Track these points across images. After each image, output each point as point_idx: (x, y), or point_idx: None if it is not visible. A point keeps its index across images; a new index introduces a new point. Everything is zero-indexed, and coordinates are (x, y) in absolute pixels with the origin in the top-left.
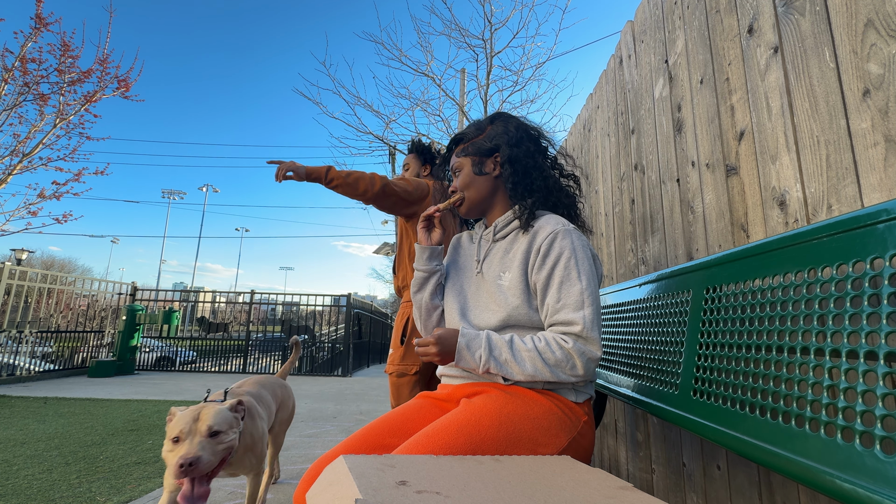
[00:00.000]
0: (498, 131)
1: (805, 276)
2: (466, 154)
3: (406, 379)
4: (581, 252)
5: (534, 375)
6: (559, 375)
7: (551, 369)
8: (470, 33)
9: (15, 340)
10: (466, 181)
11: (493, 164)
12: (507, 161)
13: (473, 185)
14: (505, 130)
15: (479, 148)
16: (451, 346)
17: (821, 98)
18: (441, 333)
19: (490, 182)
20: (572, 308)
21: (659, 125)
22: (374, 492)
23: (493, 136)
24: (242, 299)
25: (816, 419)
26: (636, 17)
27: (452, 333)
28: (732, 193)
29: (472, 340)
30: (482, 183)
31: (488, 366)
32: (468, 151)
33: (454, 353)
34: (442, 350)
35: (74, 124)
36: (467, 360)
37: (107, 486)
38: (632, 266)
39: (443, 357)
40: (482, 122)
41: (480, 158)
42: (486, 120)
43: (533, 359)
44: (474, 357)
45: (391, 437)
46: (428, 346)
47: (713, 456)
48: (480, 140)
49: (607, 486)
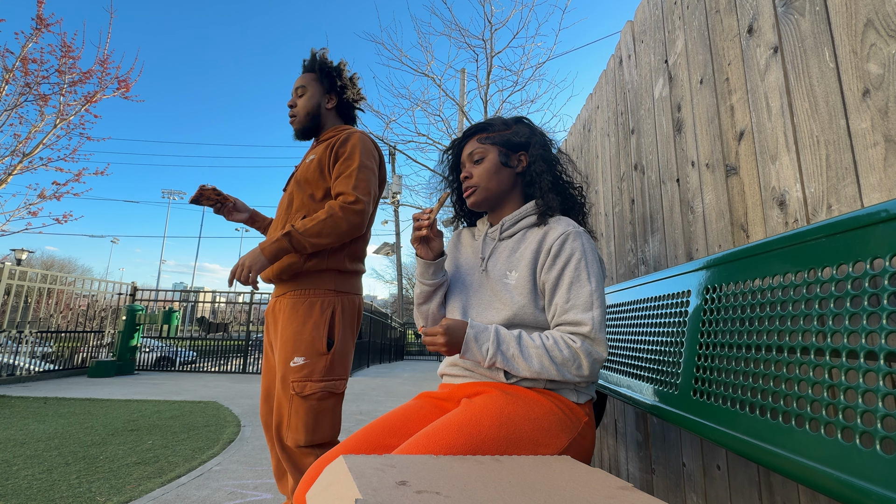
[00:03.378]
0: (525, 132)
1: (805, 276)
2: (493, 143)
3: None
4: (591, 254)
5: (539, 373)
6: (564, 374)
7: (558, 368)
8: (470, 33)
9: (15, 340)
10: (491, 170)
11: (517, 160)
12: (538, 159)
13: (497, 175)
14: (532, 133)
15: (507, 140)
16: (458, 338)
17: (821, 98)
18: (449, 324)
19: (512, 177)
20: (581, 309)
21: (659, 125)
22: (373, 492)
23: (521, 133)
24: (242, 299)
25: (816, 419)
26: (636, 17)
27: (461, 325)
28: (732, 193)
29: (480, 333)
30: (505, 176)
31: (494, 360)
32: (495, 140)
33: (461, 345)
34: (449, 341)
35: (75, 124)
36: (474, 353)
37: (107, 486)
38: (632, 266)
39: (450, 348)
40: (507, 120)
41: (508, 151)
42: (509, 119)
43: (540, 356)
44: (481, 350)
45: (391, 437)
46: (436, 335)
47: (713, 456)
48: (509, 134)
49: (607, 486)
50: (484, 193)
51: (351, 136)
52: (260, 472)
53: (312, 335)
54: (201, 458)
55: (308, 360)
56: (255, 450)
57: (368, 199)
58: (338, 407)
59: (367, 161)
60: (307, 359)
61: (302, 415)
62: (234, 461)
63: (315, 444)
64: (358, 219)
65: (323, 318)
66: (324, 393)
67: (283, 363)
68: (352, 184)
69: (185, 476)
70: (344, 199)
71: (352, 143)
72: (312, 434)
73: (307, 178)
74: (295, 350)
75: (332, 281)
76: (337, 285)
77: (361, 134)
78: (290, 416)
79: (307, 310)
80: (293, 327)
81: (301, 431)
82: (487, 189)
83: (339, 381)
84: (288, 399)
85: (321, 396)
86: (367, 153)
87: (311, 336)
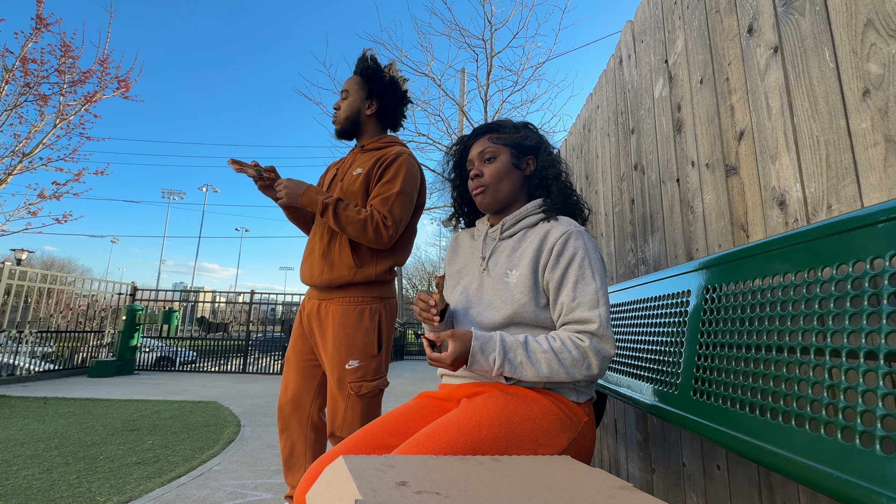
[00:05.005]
0: (534, 137)
1: (805, 276)
2: (505, 144)
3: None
4: (594, 253)
5: (549, 377)
6: (574, 375)
7: (567, 369)
8: (470, 33)
9: (15, 340)
10: (503, 170)
11: (527, 163)
12: (548, 164)
13: (509, 177)
14: (540, 139)
15: (518, 143)
16: (464, 352)
17: (821, 98)
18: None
19: (521, 179)
20: (588, 307)
21: (659, 125)
22: (373, 492)
23: (531, 137)
24: (242, 299)
25: (816, 419)
26: (636, 17)
27: (465, 338)
28: (732, 193)
29: (485, 344)
30: (516, 177)
31: (503, 369)
32: (507, 142)
33: (468, 358)
34: (455, 359)
35: (75, 124)
36: (481, 364)
37: (107, 486)
38: (632, 266)
39: (456, 366)
40: (516, 124)
41: (519, 154)
42: (518, 123)
43: (549, 360)
44: (488, 360)
45: (391, 436)
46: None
47: (713, 456)
48: (519, 137)
49: (607, 486)
50: (494, 195)
51: (398, 158)
52: (260, 472)
53: (364, 340)
54: (201, 458)
55: (362, 362)
56: (255, 450)
57: (399, 224)
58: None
59: (408, 187)
60: (361, 361)
61: (359, 411)
62: (234, 461)
63: None
64: (381, 237)
65: (372, 324)
66: (376, 391)
67: (338, 365)
68: (388, 207)
69: (185, 476)
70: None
71: (397, 165)
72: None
73: (353, 191)
74: (350, 354)
75: (377, 289)
76: (381, 293)
77: (409, 157)
78: (347, 412)
79: (358, 317)
80: (346, 332)
81: (357, 425)
82: (500, 191)
83: (384, 377)
84: (345, 398)
85: (374, 394)
86: (409, 179)
87: (363, 341)
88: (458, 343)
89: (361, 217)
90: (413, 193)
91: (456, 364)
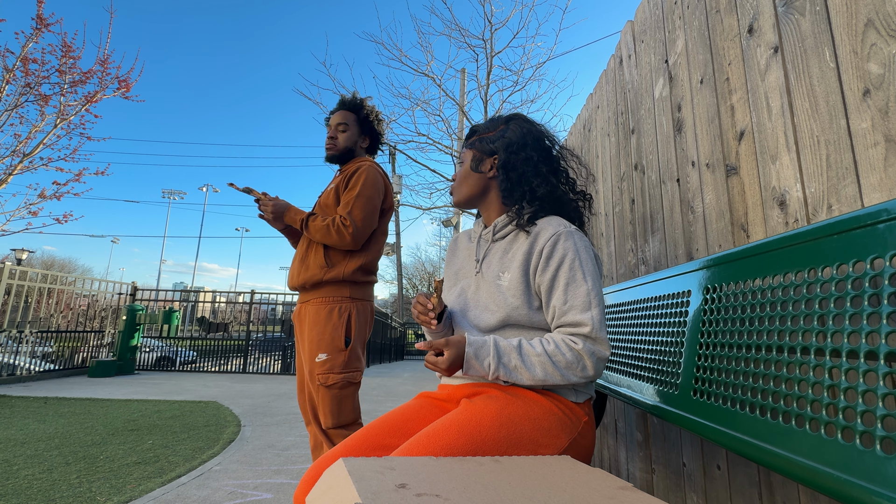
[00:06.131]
0: (505, 133)
1: (805, 276)
2: (472, 147)
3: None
4: (584, 253)
5: (544, 380)
6: (569, 377)
7: (562, 372)
8: (470, 33)
9: (15, 340)
10: (463, 175)
11: (490, 164)
12: (501, 166)
13: (467, 180)
14: (512, 134)
15: (483, 145)
16: (459, 357)
17: (821, 98)
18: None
19: (483, 181)
20: (580, 309)
21: (659, 125)
22: (373, 496)
23: (498, 137)
24: (242, 299)
25: (816, 419)
26: (636, 17)
27: (459, 344)
28: (732, 193)
29: (479, 349)
30: (475, 180)
31: (497, 374)
32: (474, 145)
33: (462, 364)
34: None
35: (75, 124)
36: (476, 369)
37: (107, 486)
38: (632, 266)
39: (451, 371)
40: (498, 120)
41: (481, 155)
42: (503, 118)
43: (543, 363)
44: (483, 365)
45: (391, 437)
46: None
47: (713, 456)
48: (488, 137)
49: (607, 486)
50: (457, 197)
51: (360, 168)
52: (260, 472)
53: (332, 335)
54: (201, 457)
55: (329, 355)
56: (256, 450)
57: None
58: (356, 394)
59: (367, 191)
60: (328, 355)
61: (328, 402)
62: (234, 461)
63: (341, 425)
64: (344, 236)
65: (341, 320)
66: (344, 382)
67: (309, 360)
68: (347, 210)
69: (185, 476)
70: (341, 219)
71: (358, 174)
72: (337, 417)
73: (327, 203)
74: (318, 348)
75: (347, 290)
76: (352, 293)
77: (370, 166)
78: (319, 403)
79: (328, 314)
80: (317, 329)
81: (328, 416)
82: (460, 193)
83: (355, 372)
84: (316, 389)
85: (342, 385)
86: (368, 183)
87: (331, 336)
88: (452, 349)
89: (325, 223)
90: (374, 196)
91: (451, 370)
